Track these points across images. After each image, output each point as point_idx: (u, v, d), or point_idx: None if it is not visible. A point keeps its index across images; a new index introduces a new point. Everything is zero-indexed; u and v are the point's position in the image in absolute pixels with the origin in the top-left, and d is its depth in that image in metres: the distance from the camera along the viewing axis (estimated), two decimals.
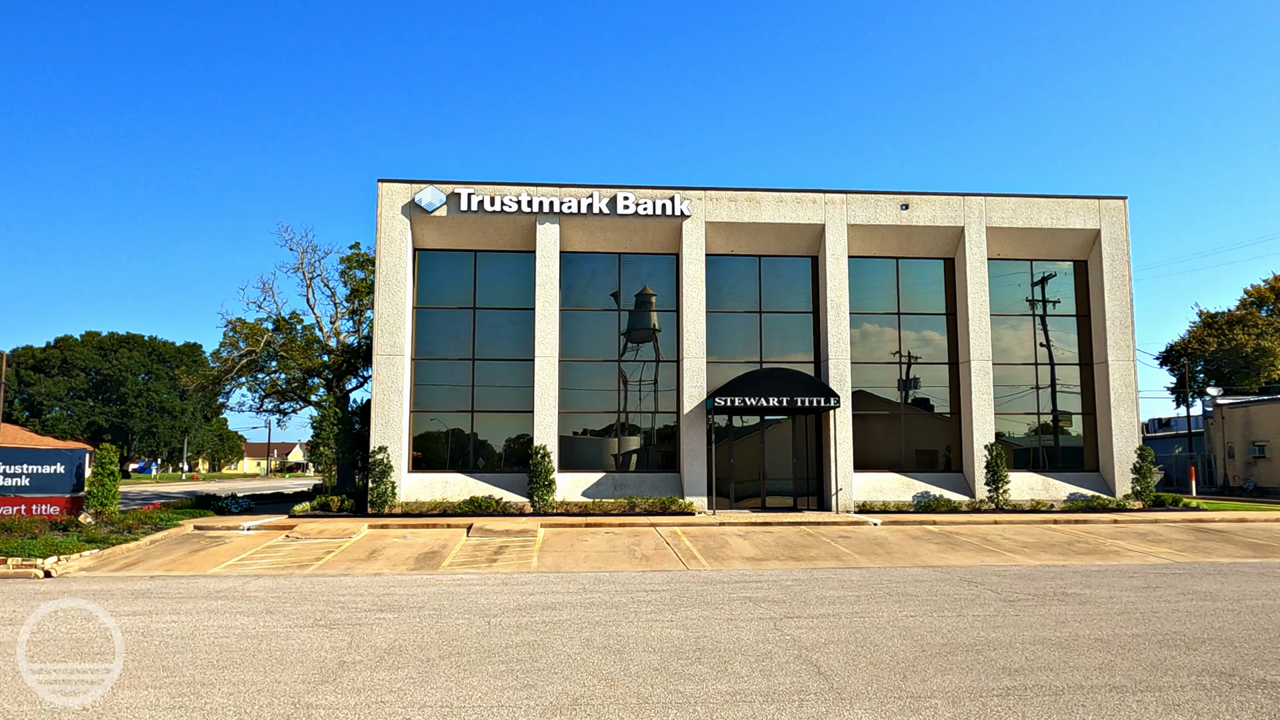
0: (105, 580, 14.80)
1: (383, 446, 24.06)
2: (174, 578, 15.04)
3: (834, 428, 25.30)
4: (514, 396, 25.99)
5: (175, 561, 16.89)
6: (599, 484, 25.41)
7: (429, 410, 25.97)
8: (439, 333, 26.21)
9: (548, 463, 24.10)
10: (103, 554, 17.04)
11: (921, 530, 21.67)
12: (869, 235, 26.67)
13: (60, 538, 18.22)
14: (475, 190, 25.33)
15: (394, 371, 24.69)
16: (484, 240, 26.11)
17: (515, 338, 26.18)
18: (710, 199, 26.00)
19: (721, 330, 26.59)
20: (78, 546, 16.93)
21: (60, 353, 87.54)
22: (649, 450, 26.58)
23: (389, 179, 25.29)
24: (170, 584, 14.13)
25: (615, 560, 17.05)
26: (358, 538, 20.00)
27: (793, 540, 19.86)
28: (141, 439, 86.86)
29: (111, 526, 19.51)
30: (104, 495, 20.40)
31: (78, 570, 15.87)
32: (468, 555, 17.71)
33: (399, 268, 25.04)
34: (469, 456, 25.86)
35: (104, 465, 20.58)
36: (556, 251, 25.59)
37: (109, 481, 20.52)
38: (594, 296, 26.68)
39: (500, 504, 23.89)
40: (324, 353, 41.63)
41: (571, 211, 25.49)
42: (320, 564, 16.66)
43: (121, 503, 38.86)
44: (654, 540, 19.73)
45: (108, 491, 20.46)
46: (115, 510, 20.52)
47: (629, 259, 26.82)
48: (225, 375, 40.65)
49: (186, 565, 16.50)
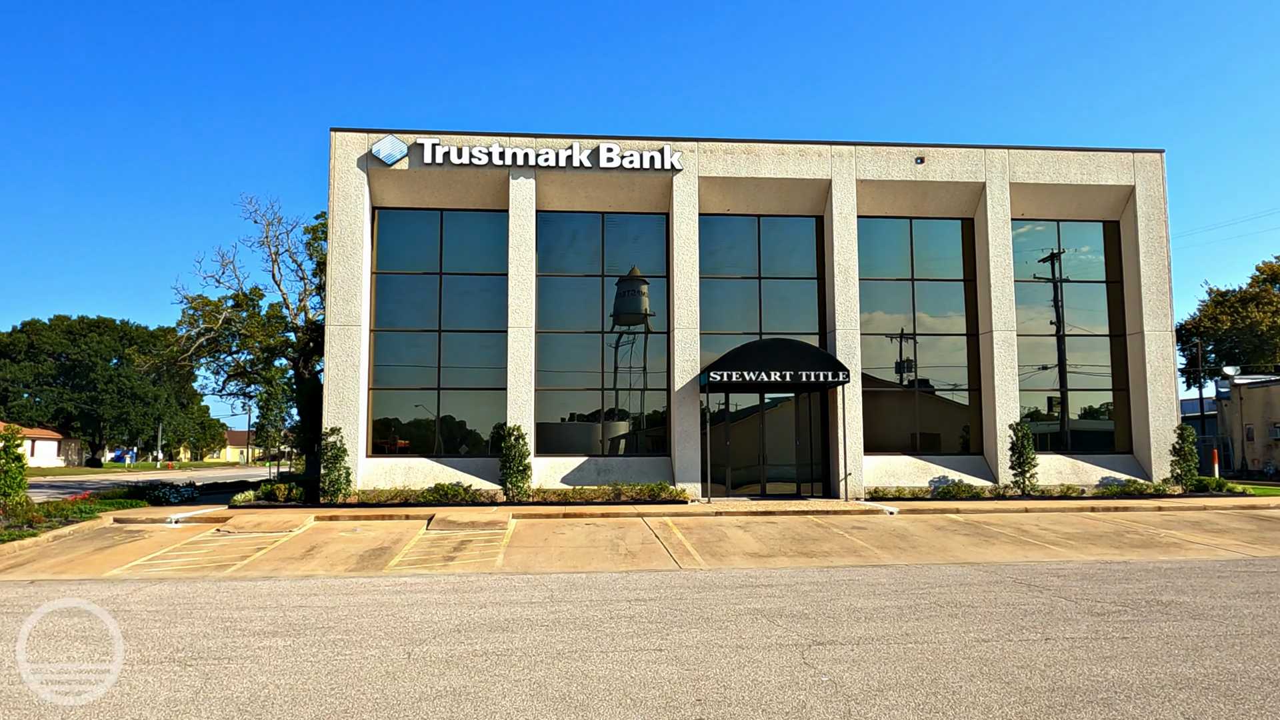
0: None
1: (335, 428, 21.34)
2: (55, 582, 12.35)
3: (842, 406, 22.69)
4: (486, 373, 23.30)
5: (70, 562, 14.19)
6: (581, 469, 22.77)
7: (390, 388, 23.24)
8: (401, 301, 23.45)
9: (522, 445, 21.44)
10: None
11: (944, 520, 19.11)
12: (880, 192, 24.01)
13: None
14: (440, 140, 22.54)
15: (349, 344, 21.95)
16: (451, 197, 23.34)
17: (487, 306, 23.46)
18: (704, 151, 23.28)
19: (717, 299, 23.93)
20: None
21: (27, 337, 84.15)
22: (637, 433, 23.94)
23: (343, 128, 22.48)
24: (40, 591, 11.43)
25: (595, 558, 14.44)
26: (298, 531, 17.32)
27: (801, 532, 17.27)
28: (113, 426, 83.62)
29: (11, 520, 16.77)
30: (6, 484, 17.65)
31: None
32: (422, 552, 15.06)
33: (354, 228, 22.27)
34: (435, 439, 23.17)
35: (6, 449, 17.81)
36: (532, 210, 22.85)
37: (13, 468, 17.77)
38: (575, 261, 23.97)
39: (469, 492, 21.24)
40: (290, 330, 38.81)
41: (549, 165, 22.74)
42: (244, 564, 13.99)
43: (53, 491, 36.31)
44: (641, 533, 17.12)
45: (10, 480, 17.71)
46: (20, 501, 17.77)
47: (614, 219, 24.10)
48: (182, 356, 37.77)
49: (81, 567, 13.80)
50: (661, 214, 24.08)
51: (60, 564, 14.00)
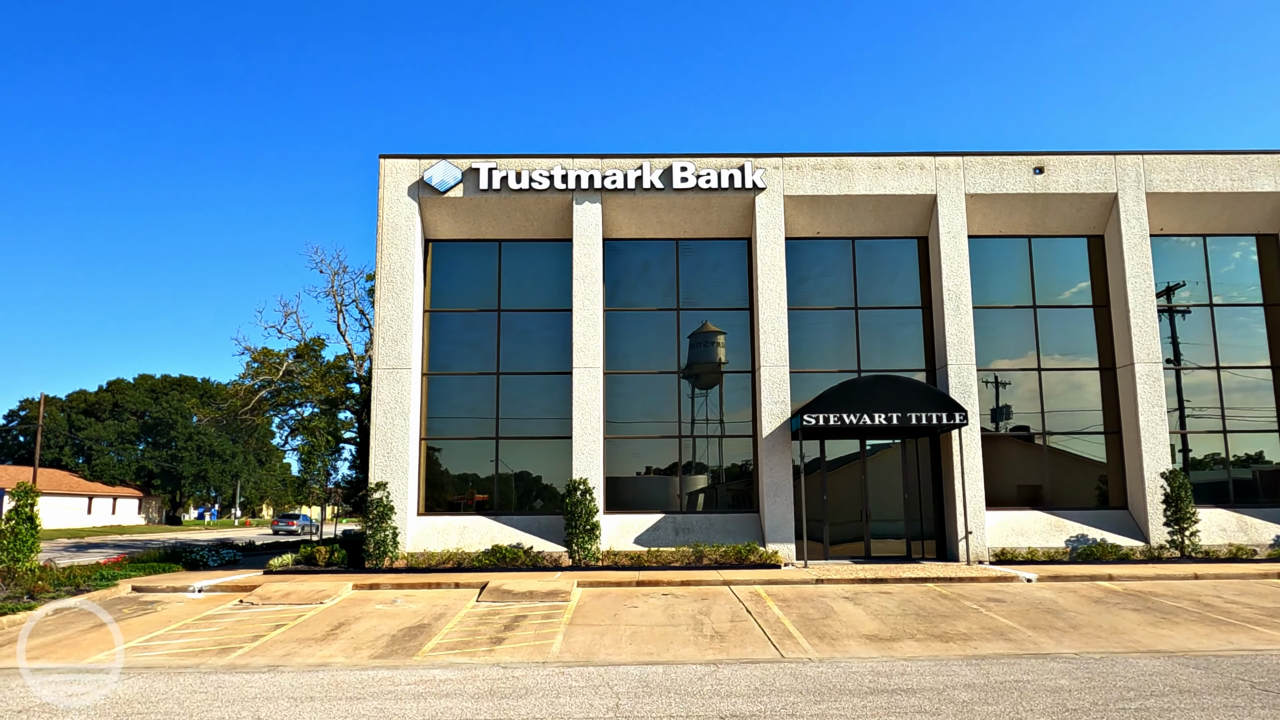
0: None
1: (381, 483, 19.07)
2: (16, 673, 10.12)
3: (959, 452, 19.53)
4: (549, 421, 20.85)
5: (56, 643, 12.01)
6: (656, 528, 20.02)
7: (443, 437, 20.96)
8: (455, 341, 21.27)
9: (589, 501, 18.84)
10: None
11: (1098, 589, 15.76)
12: (993, 208, 21.05)
13: None
14: (497, 164, 20.49)
15: (398, 389, 19.78)
16: (509, 226, 21.21)
17: (549, 346, 21.11)
18: (789, 167, 20.72)
19: (807, 333, 21.14)
20: None
21: (111, 396, 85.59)
22: (719, 487, 21.13)
23: (392, 154, 20.63)
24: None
25: (674, 640, 11.66)
26: (331, 603, 14.94)
27: (924, 606, 14.18)
28: (192, 484, 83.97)
29: (12, 589, 14.81)
30: (15, 548, 15.78)
31: None
32: (466, 631, 12.49)
33: (405, 261, 20.25)
34: (492, 495, 20.73)
35: (19, 510, 15.98)
36: (599, 238, 20.54)
37: (23, 530, 15.92)
38: (646, 294, 21.51)
39: (530, 555, 18.67)
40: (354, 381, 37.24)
41: (616, 187, 20.46)
42: (252, 647, 11.61)
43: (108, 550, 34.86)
44: (729, 606, 14.26)
45: (20, 543, 15.84)
46: (31, 567, 15.86)
47: (689, 247, 21.62)
48: (244, 409, 36.47)
49: (65, 650, 11.60)
50: (742, 239, 21.52)
51: (43, 646, 11.84)
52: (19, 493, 16.08)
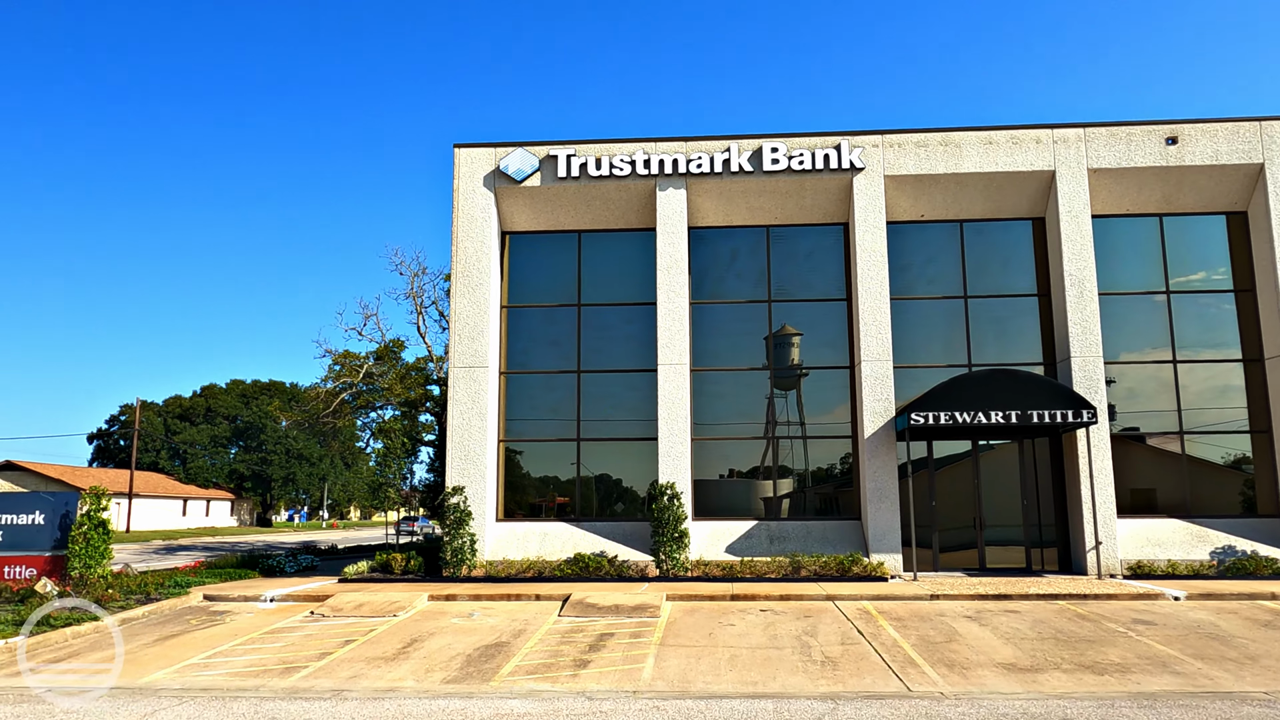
0: None
1: (458, 487, 18.14)
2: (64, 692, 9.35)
3: (1087, 454, 17.64)
4: (633, 421, 19.66)
5: (115, 658, 11.28)
6: (749, 537, 18.62)
7: (522, 439, 19.94)
8: (534, 338, 20.24)
9: (677, 507, 17.57)
10: (23, 645, 11.63)
11: (1263, 610, 13.78)
12: (1119, 184, 19.05)
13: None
14: (576, 150, 19.39)
15: (475, 389, 18.84)
16: (589, 216, 20.10)
17: (633, 342, 19.91)
18: (890, 145, 19.10)
19: (910, 325, 19.47)
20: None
21: (205, 401, 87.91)
22: (816, 491, 19.62)
23: (467, 144, 19.72)
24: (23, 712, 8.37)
25: (780, 667, 10.30)
26: (404, 616, 13.98)
27: (1062, 628, 12.47)
28: (281, 486, 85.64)
29: (85, 597, 14.27)
30: (88, 553, 15.27)
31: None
32: (547, 651, 11.34)
33: (481, 255, 19.31)
34: (574, 500, 19.61)
35: (90, 514, 15.48)
36: (684, 226, 19.26)
37: (95, 535, 15.41)
38: (735, 285, 20.13)
39: (615, 564, 17.48)
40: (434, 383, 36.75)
41: (702, 171, 19.15)
42: (317, 667, 10.66)
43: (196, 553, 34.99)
44: (837, 625, 12.80)
45: (93, 548, 15.33)
46: (103, 573, 15.35)
47: (780, 234, 20.17)
48: (325, 412, 36.29)
49: (125, 666, 10.84)
50: (838, 224, 19.97)
51: (103, 660, 11.11)
52: (91, 497, 15.59)
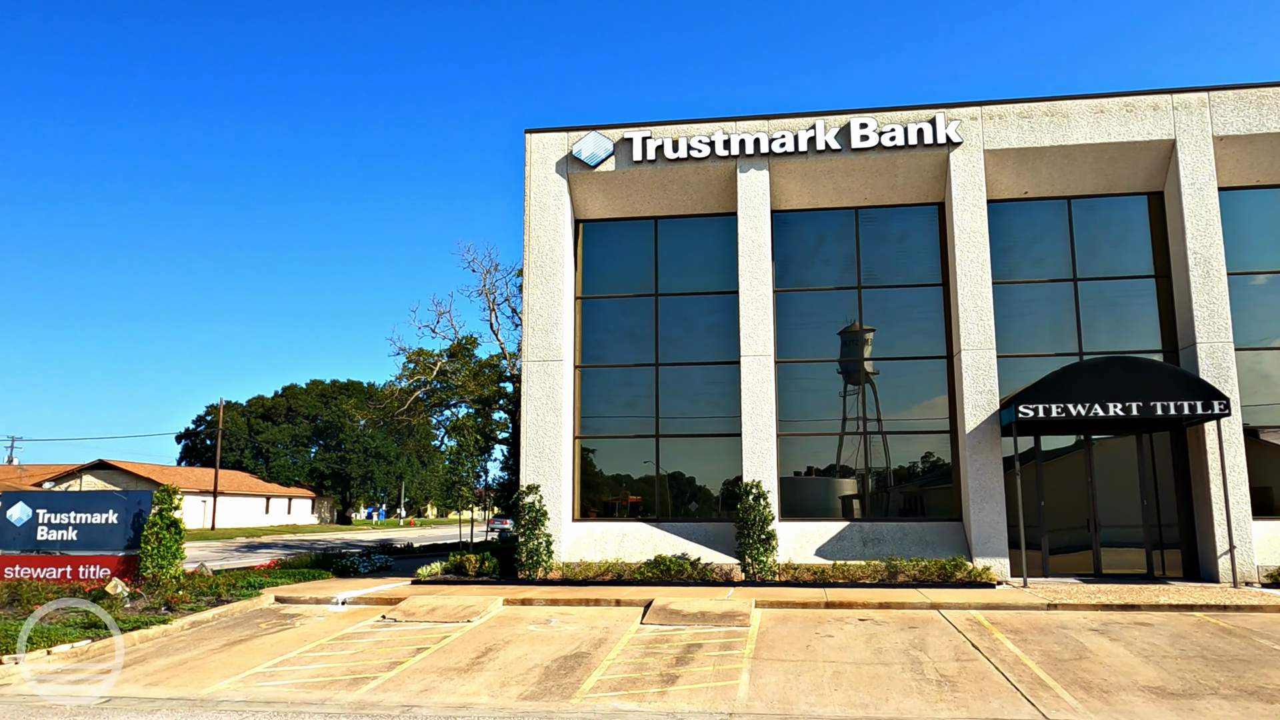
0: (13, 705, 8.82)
1: (533, 485, 17.41)
2: (128, 703, 8.81)
3: (1217, 450, 16.03)
4: (714, 416, 18.67)
5: (182, 665, 10.77)
6: (840, 539, 17.46)
7: (598, 435, 19.12)
8: (610, 330, 19.40)
9: (763, 507, 16.53)
10: (89, 649, 11.22)
11: None
12: (1249, 153, 17.33)
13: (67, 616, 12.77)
14: (651, 133, 18.49)
15: (549, 383, 18.08)
16: (666, 202, 19.16)
17: (713, 333, 18.93)
18: (990, 117, 17.72)
19: (1013, 311, 18.05)
20: (57, 636, 11.24)
21: (286, 401, 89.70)
22: (904, 489, 18.35)
23: (538, 129, 18.99)
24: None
25: (891, 687, 9.21)
26: (478, 622, 13.26)
27: (1206, 644, 11.08)
28: (360, 485, 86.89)
29: (151, 599, 13.91)
30: (160, 553, 14.96)
31: (21, 680, 10.04)
32: (630, 664, 10.45)
33: (554, 244, 18.55)
34: (653, 499, 18.71)
35: (162, 514, 15.16)
36: (766, 209, 18.19)
37: (167, 535, 15.08)
38: (821, 271, 18.98)
39: (697, 567, 16.53)
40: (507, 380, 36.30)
41: (785, 151, 18.06)
42: (387, 678, 9.96)
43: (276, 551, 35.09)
44: (947, 638, 11.62)
45: (165, 548, 15.01)
46: (175, 574, 15.02)
47: (870, 216, 18.93)
48: (399, 410, 36.16)
49: (188, 674, 10.31)
50: (932, 204, 18.66)
51: (168, 668, 10.60)
52: (162, 496, 15.29)
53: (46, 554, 15.59)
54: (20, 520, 15.79)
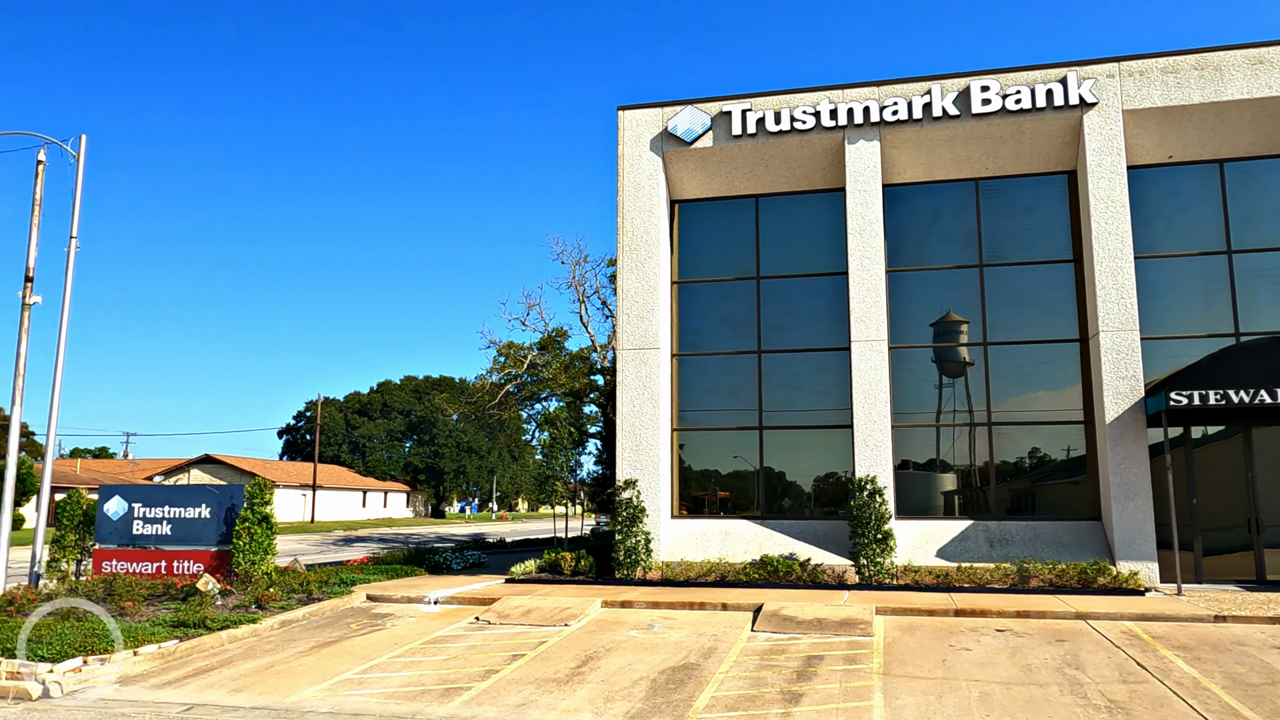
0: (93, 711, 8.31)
1: (630, 480, 16.50)
2: (210, 711, 8.21)
3: None
4: (821, 406, 17.45)
5: (269, 668, 10.20)
6: (963, 539, 16.05)
7: (698, 428, 18.09)
8: (708, 316, 18.35)
9: (879, 505, 15.26)
10: (176, 649, 10.75)
11: None
12: None
13: (158, 613, 12.42)
14: (752, 105, 17.34)
15: (646, 372, 17.14)
16: (768, 178, 18.00)
17: (820, 317, 17.70)
18: (1130, 75, 16.01)
19: (1155, 288, 16.29)
20: (145, 636, 10.82)
21: (381, 397, 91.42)
22: (1027, 486, 16.80)
23: (631, 105, 18.05)
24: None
25: (1053, 713, 8.01)
26: (577, 626, 12.41)
27: None
28: (452, 479, 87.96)
29: (242, 597, 13.50)
30: (251, 549, 14.57)
31: (106, 682, 9.60)
32: (746, 679, 9.41)
33: (649, 226, 17.59)
34: (757, 495, 17.59)
35: (253, 509, 14.79)
36: (878, 184, 16.86)
37: (258, 530, 14.69)
38: (937, 249, 17.53)
39: (808, 568, 15.37)
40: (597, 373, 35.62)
41: (898, 120, 16.69)
42: (483, 689, 9.17)
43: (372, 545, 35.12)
44: (1104, 654, 10.23)
45: (256, 544, 14.62)
46: (267, 570, 14.62)
47: (992, 187, 17.40)
48: (491, 404, 35.82)
49: (275, 679, 9.71)
50: (1063, 173, 17.02)
51: (254, 672, 10.03)
52: (253, 491, 14.91)
53: (142, 548, 15.42)
54: (117, 514, 15.67)
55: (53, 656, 9.69)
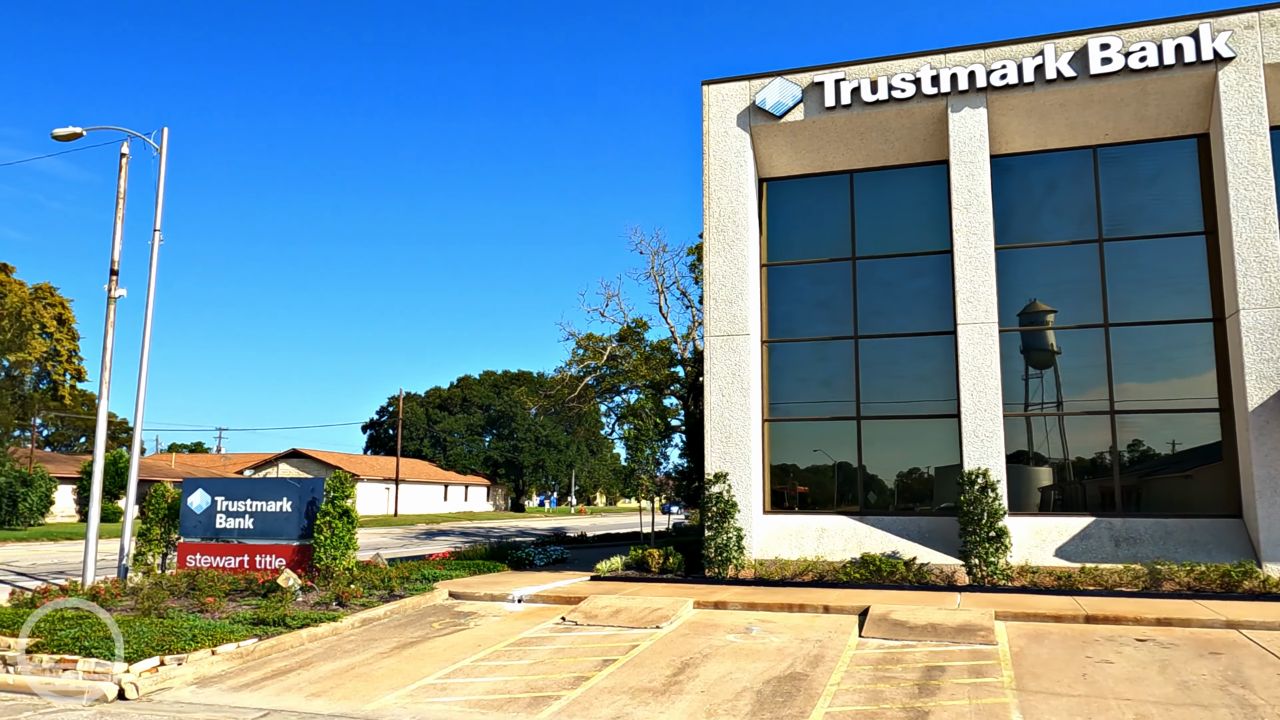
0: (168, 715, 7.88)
1: (720, 474, 15.65)
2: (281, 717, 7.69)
3: None
4: (924, 394, 16.33)
5: (348, 671, 9.67)
6: (1085, 537, 14.76)
7: (790, 419, 17.13)
8: (799, 300, 17.37)
9: (991, 500, 14.09)
10: (255, 649, 10.32)
11: None
12: None
13: (238, 609, 12.08)
14: (845, 74, 16.28)
15: (735, 360, 16.26)
16: (863, 153, 16.91)
17: (921, 299, 16.56)
18: (1272, 25, 14.46)
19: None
20: (223, 634, 10.42)
21: (461, 391, 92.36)
22: (1164, 480, 15.38)
23: (716, 79, 17.15)
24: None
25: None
26: (669, 628, 11.63)
27: None
28: (531, 473, 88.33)
29: (323, 594, 13.10)
30: (332, 543, 14.19)
31: (182, 684, 9.19)
32: (861, 693, 8.50)
33: (737, 206, 16.69)
34: (856, 489, 16.56)
35: (334, 502, 14.40)
36: (985, 154, 15.64)
37: (339, 524, 14.30)
38: (1051, 223, 16.23)
39: (913, 568, 14.30)
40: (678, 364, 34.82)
41: (1007, 83, 15.44)
42: (573, 697, 8.47)
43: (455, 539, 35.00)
44: (1271, 670, 9.01)
45: (337, 538, 14.23)
46: (348, 565, 14.23)
47: (1112, 155, 16.01)
48: (570, 396, 35.36)
49: (355, 683, 9.17)
50: (1193, 136, 15.54)
51: (333, 675, 9.52)
52: (334, 484, 14.53)
53: (225, 542, 15.22)
54: (200, 508, 15.51)
55: (130, 656, 9.33)
